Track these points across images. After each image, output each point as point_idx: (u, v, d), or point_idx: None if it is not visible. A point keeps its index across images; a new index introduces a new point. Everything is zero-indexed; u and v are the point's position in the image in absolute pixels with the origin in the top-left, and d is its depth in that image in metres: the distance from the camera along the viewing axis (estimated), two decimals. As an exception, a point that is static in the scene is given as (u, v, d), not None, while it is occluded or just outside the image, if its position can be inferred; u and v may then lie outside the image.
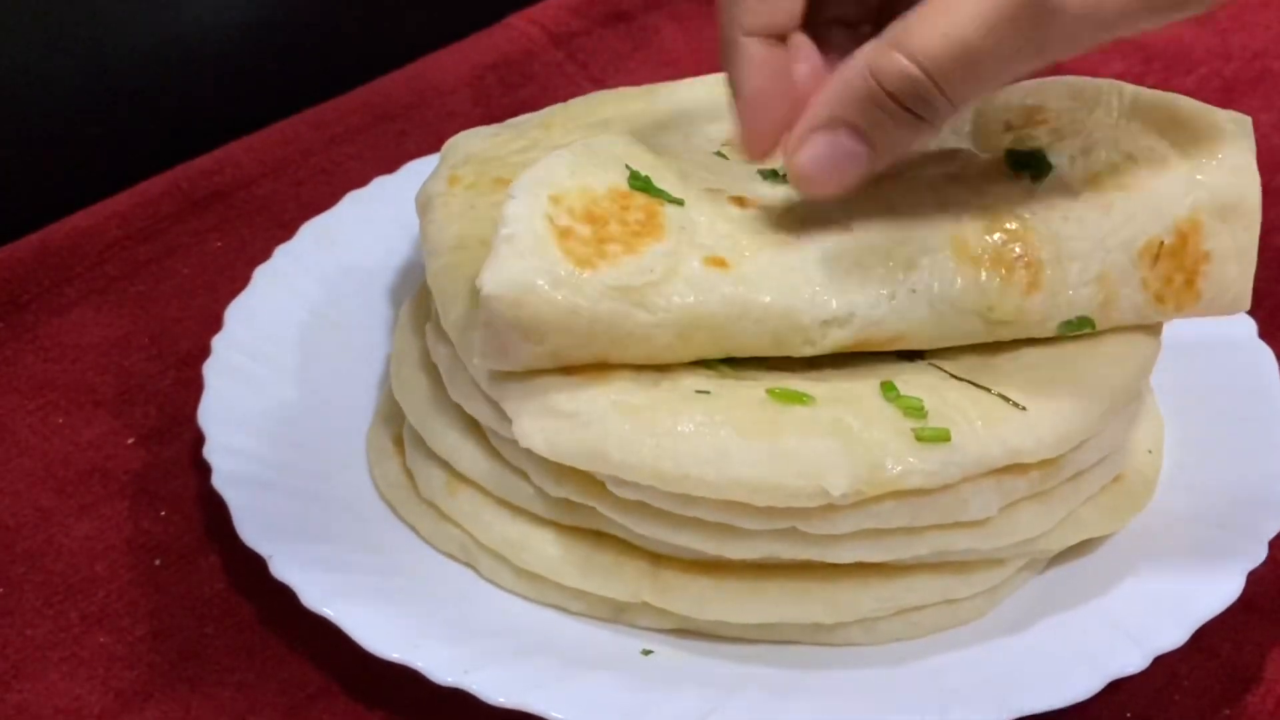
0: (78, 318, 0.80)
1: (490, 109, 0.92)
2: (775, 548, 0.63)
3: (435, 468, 0.68)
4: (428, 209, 0.73)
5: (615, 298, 0.61)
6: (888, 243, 0.63)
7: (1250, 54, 0.97)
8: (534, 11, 0.98)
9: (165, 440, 0.75)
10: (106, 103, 0.89)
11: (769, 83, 0.61)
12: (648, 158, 0.65)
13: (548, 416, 0.63)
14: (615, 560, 0.65)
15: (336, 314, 0.77)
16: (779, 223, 0.63)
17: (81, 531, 0.71)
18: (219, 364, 0.72)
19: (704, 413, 0.63)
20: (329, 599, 0.64)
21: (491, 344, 0.62)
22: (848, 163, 0.59)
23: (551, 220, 0.62)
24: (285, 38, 0.94)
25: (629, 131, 0.69)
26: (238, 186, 0.87)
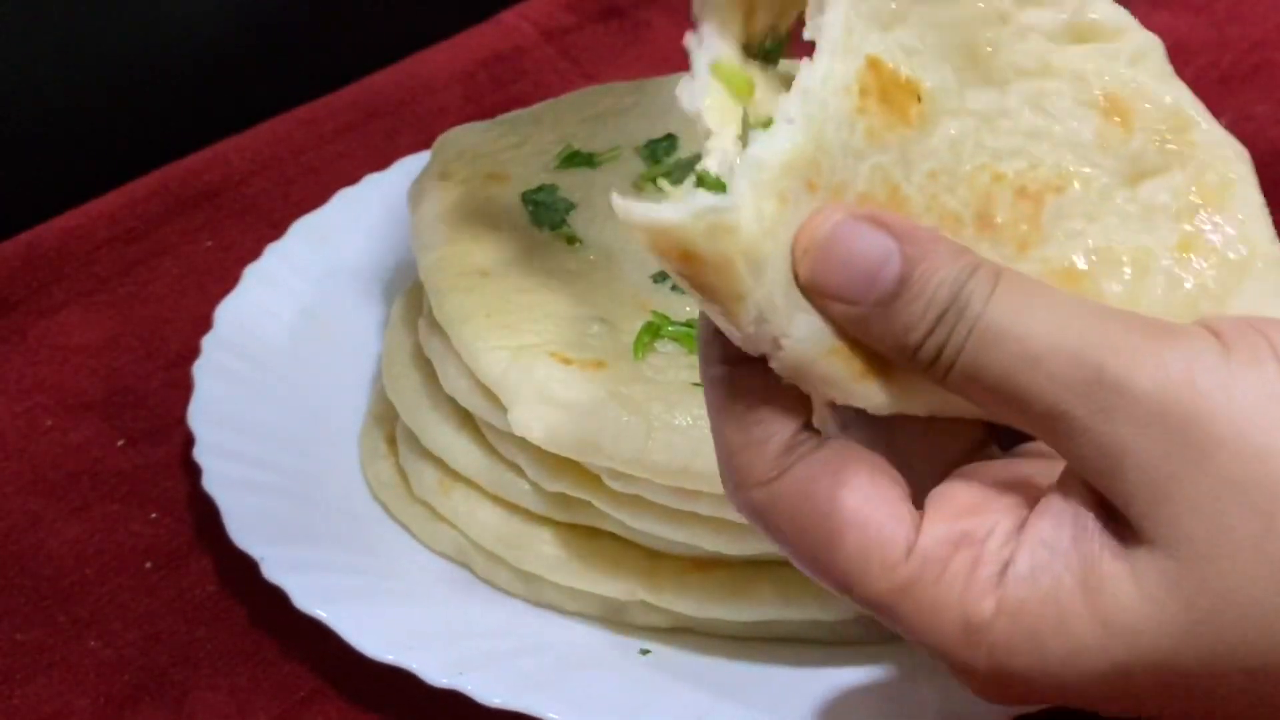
0: (66, 319, 0.80)
1: (482, 105, 0.92)
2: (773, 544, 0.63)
3: (428, 466, 0.68)
4: (420, 205, 0.73)
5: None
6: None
7: (1247, 45, 0.96)
8: (525, 8, 0.98)
9: (155, 442, 0.74)
10: (94, 102, 0.89)
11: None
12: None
13: (544, 405, 0.63)
14: (612, 559, 0.65)
15: (328, 313, 0.76)
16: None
17: (71, 535, 0.71)
18: (209, 364, 0.72)
19: (701, 405, 0.61)
20: (321, 601, 0.63)
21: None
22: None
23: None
24: (274, 35, 0.94)
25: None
26: (227, 185, 0.86)
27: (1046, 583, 0.47)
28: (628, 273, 0.69)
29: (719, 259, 0.45)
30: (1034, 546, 0.48)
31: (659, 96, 0.77)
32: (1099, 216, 0.51)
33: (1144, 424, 0.46)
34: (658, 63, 0.95)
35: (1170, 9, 0.97)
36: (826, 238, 0.47)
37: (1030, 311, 0.47)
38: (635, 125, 0.76)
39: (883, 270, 0.47)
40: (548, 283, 0.69)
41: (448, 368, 0.67)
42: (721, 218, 0.45)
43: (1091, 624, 0.47)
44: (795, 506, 0.49)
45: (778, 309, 0.47)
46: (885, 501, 0.49)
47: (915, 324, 0.48)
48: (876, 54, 0.49)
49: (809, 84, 0.47)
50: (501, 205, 0.72)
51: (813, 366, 0.48)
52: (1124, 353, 0.47)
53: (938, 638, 0.48)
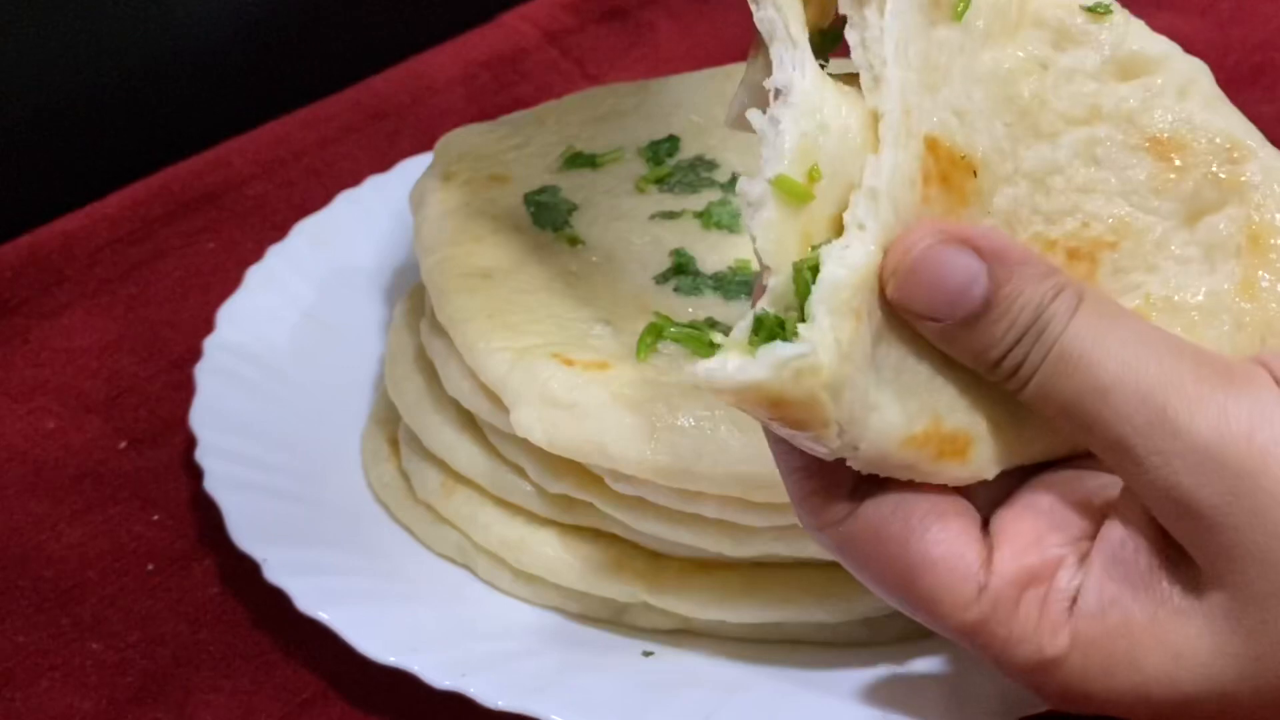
0: (68, 321, 0.79)
1: (484, 106, 0.92)
2: (775, 545, 0.63)
3: (431, 468, 0.68)
4: (421, 206, 0.73)
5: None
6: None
7: (1250, 46, 0.96)
8: (527, 9, 0.98)
9: (157, 444, 0.74)
10: (96, 104, 0.89)
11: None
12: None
13: (546, 407, 0.63)
14: (614, 560, 0.65)
15: (330, 314, 0.76)
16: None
17: (73, 537, 0.71)
18: (211, 366, 0.72)
19: (705, 406, 0.62)
20: (323, 603, 0.63)
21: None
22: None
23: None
24: (276, 37, 0.94)
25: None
26: (229, 187, 0.86)
27: (1116, 619, 0.50)
28: (630, 274, 0.69)
29: (805, 399, 0.46)
30: (1101, 581, 0.50)
31: (661, 97, 0.77)
32: (1158, 266, 0.51)
33: (1203, 474, 0.48)
34: (660, 63, 0.95)
35: (1174, 10, 0.97)
36: (915, 262, 0.49)
37: (1105, 340, 0.49)
38: (638, 126, 0.76)
39: (970, 290, 0.49)
40: (550, 284, 0.68)
41: (450, 369, 0.67)
42: (802, 363, 0.46)
43: (1162, 659, 0.49)
44: (869, 548, 0.51)
45: (856, 419, 0.47)
46: (954, 541, 0.51)
47: (997, 342, 0.49)
48: (934, 133, 0.48)
49: (876, 184, 0.47)
50: (504, 207, 0.72)
51: (890, 459, 0.49)
52: (1188, 396, 0.48)
53: (1014, 667, 0.51)
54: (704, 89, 0.77)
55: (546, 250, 0.70)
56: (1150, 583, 0.50)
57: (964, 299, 0.49)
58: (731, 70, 0.79)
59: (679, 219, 0.71)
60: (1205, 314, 0.51)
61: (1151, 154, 0.51)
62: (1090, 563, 0.50)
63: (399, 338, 0.72)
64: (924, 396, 0.49)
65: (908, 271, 0.48)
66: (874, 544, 0.51)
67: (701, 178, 0.73)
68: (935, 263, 0.48)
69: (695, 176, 0.73)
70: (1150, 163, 0.51)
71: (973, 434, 0.50)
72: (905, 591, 0.51)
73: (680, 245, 0.70)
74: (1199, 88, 0.52)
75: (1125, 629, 0.49)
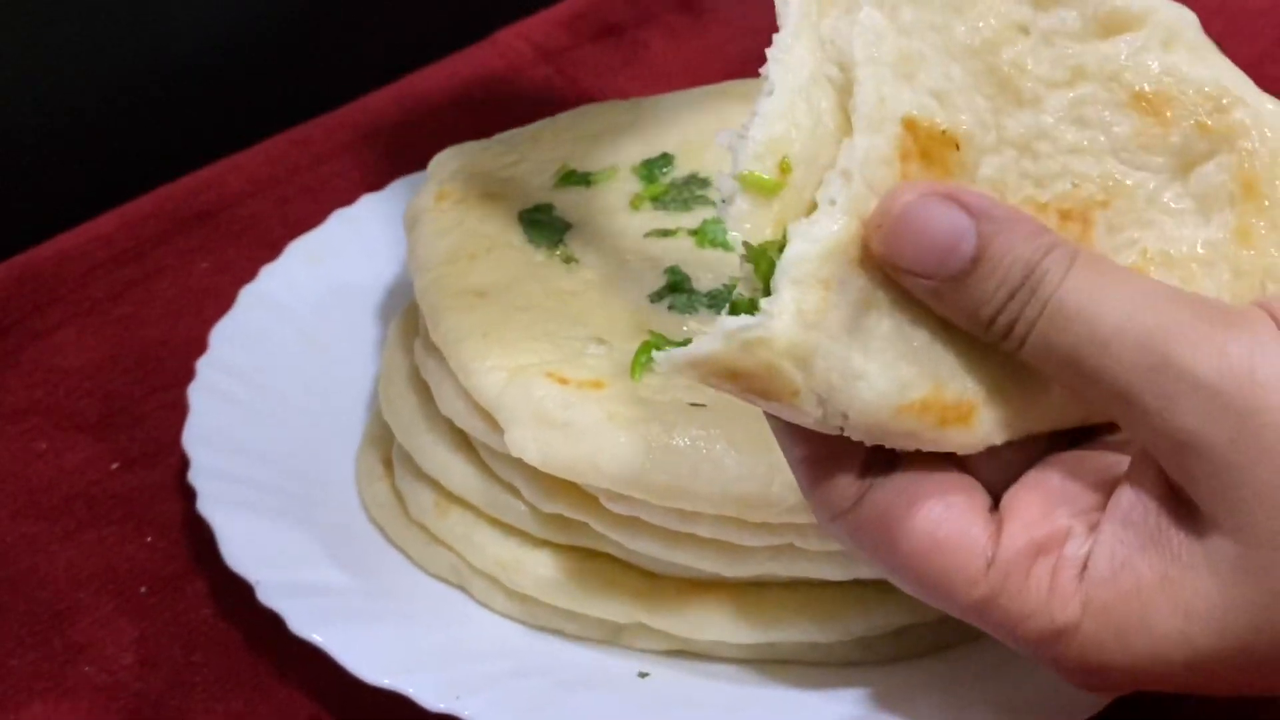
0: (61, 341, 0.79)
1: (478, 124, 0.91)
2: (772, 565, 0.62)
3: (425, 488, 0.67)
4: (416, 225, 0.73)
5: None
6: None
7: (1244, 62, 0.95)
8: (522, 27, 0.98)
9: (150, 465, 0.74)
10: (90, 123, 0.88)
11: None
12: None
13: (541, 426, 0.62)
14: (609, 581, 0.64)
15: (324, 334, 0.76)
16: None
17: (65, 559, 0.70)
18: (204, 386, 0.72)
19: (699, 425, 0.62)
20: (317, 625, 0.63)
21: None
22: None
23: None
24: (270, 55, 0.94)
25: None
26: (223, 206, 0.86)
27: (1128, 582, 0.49)
28: (625, 292, 0.69)
29: (761, 368, 0.46)
30: (1112, 546, 0.49)
31: (656, 115, 0.77)
32: (1153, 220, 0.51)
33: (1207, 414, 0.47)
34: (655, 81, 0.95)
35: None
36: (899, 215, 0.48)
37: (1102, 293, 0.48)
38: (632, 144, 0.75)
39: (957, 247, 0.48)
40: (544, 302, 0.68)
41: (444, 388, 0.67)
42: (750, 334, 0.46)
43: (1173, 617, 0.49)
44: (877, 534, 0.50)
45: (835, 387, 0.47)
46: (960, 519, 0.50)
47: (988, 300, 0.49)
48: (911, 114, 0.48)
49: (849, 166, 0.47)
50: (498, 225, 0.72)
51: (887, 428, 0.48)
52: (1188, 340, 0.47)
53: (1028, 641, 0.50)
54: (698, 106, 0.77)
55: (541, 269, 0.70)
56: (1160, 541, 0.49)
57: (953, 255, 0.48)
58: (726, 88, 0.79)
59: (674, 237, 0.71)
60: (1203, 264, 0.51)
61: (1138, 109, 0.50)
62: (1100, 529, 0.50)
63: (393, 357, 0.72)
64: (923, 364, 0.49)
65: (893, 224, 0.48)
66: (882, 527, 0.50)
67: (696, 195, 0.73)
68: (921, 217, 0.48)
69: (690, 194, 0.73)
70: (1138, 118, 0.50)
71: (976, 400, 0.49)
72: (916, 572, 0.50)
73: (675, 263, 0.70)
74: (1184, 38, 0.51)
75: (1136, 591, 0.49)
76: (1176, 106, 0.51)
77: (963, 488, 0.51)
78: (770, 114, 0.48)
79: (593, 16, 0.98)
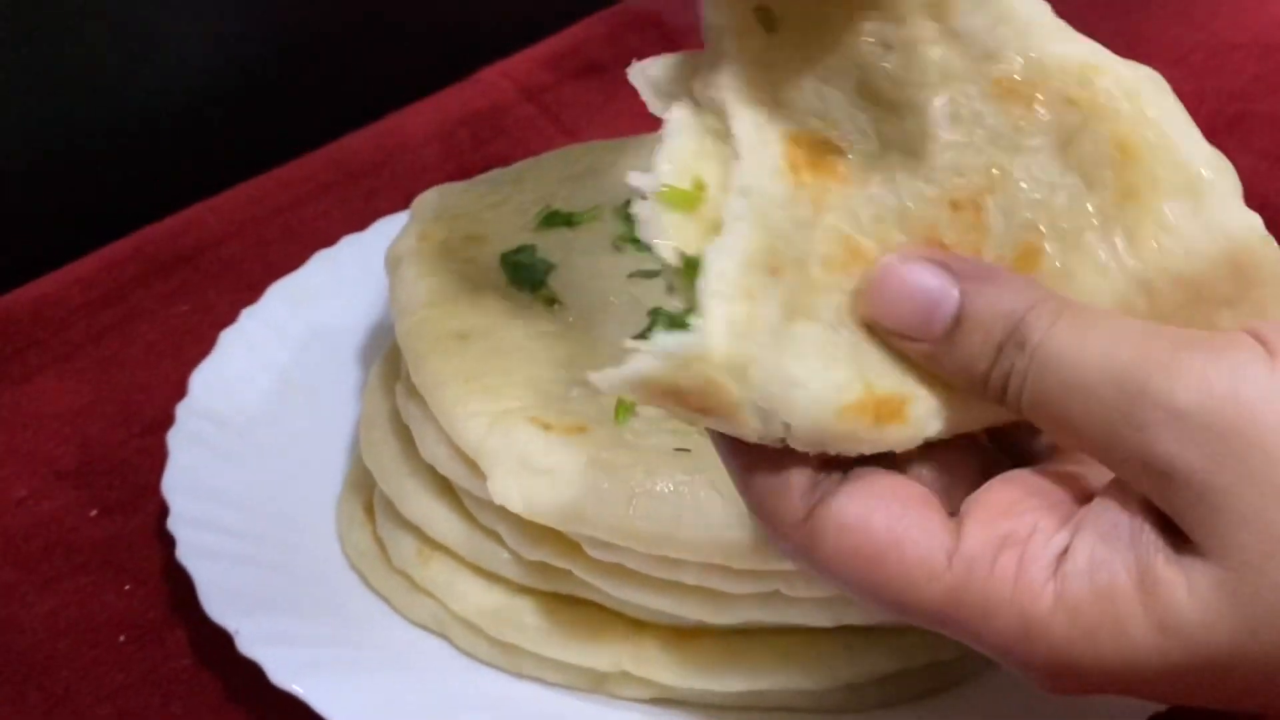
0: (40, 386, 0.79)
1: (461, 164, 0.91)
2: (758, 613, 0.62)
3: (406, 535, 0.67)
4: (398, 267, 0.72)
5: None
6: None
7: (1226, 96, 0.96)
8: (504, 65, 0.97)
9: (129, 512, 0.73)
10: (68, 166, 0.88)
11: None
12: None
13: (524, 473, 0.62)
14: (594, 629, 0.64)
15: (305, 377, 0.75)
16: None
17: (43, 608, 0.69)
18: (183, 432, 0.71)
19: (684, 471, 0.61)
20: (297, 675, 0.62)
21: None
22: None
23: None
24: (250, 96, 0.93)
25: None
26: (203, 248, 0.85)
27: (1104, 580, 0.47)
28: (608, 334, 0.68)
29: (700, 384, 0.46)
30: (1092, 542, 0.48)
31: (640, 155, 0.77)
32: (1042, 200, 0.51)
33: (1187, 438, 0.46)
34: (638, 119, 0.93)
35: (1147, 61, 0.96)
36: (879, 276, 0.49)
37: (1085, 339, 0.48)
38: (616, 184, 0.75)
39: (940, 305, 0.48)
40: (527, 345, 0.68)
41: (426, 434, 0.66)
42: (686, 350, 0.46)
43: (1147, 627, 0.47)
44: (832, 542, 0.49)
45: (774, 396, 0.47)
46: (917, 516, 0.48)
47: (979, 356, 0.48)
48: (791, 129, 0.49)
49: (743, 182, 0.48)
50: (480, 267, 0.71)
51: (828, 432, 0.48)
52: (1167, 369, 0.47)
53: (997, 638, 0.48)
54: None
55: (524, 311, 0.69)
56: (1141, 549, 0.47)
57: (936, 313, 0.48)
58: (709, 127, 0.78)
59: (657, 278, 0.71)
60: (1096, 231, 0.50)
61: (1008, 98, 0.51)
62: (1079, 526, 0.48)
63: (374, 401, 0.71)
64: (852, 365, 0.49)
65: (875, 287, 0.48)
66: (836, 536, 0.48)
67: (680, 235, 0.73)
68: (902, 278, 0.49)
69: (673, 234, 0.73)
70: (1009, 106, 0.51)
71: (905, 394, 0.49)
72: (874, 579, 0.48)
73: (658, 304, 0.69)
74: (1041, 22, 0.52)
75: (1111, 592, 0.47)
76: (1043, 88, 0.51)
77: (918, 491, 0.49)
78: (676, 145, 0.49)
79: (575, 54, 0.98)
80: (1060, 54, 0.51)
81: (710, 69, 0.50)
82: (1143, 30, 1.00)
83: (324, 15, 0.95)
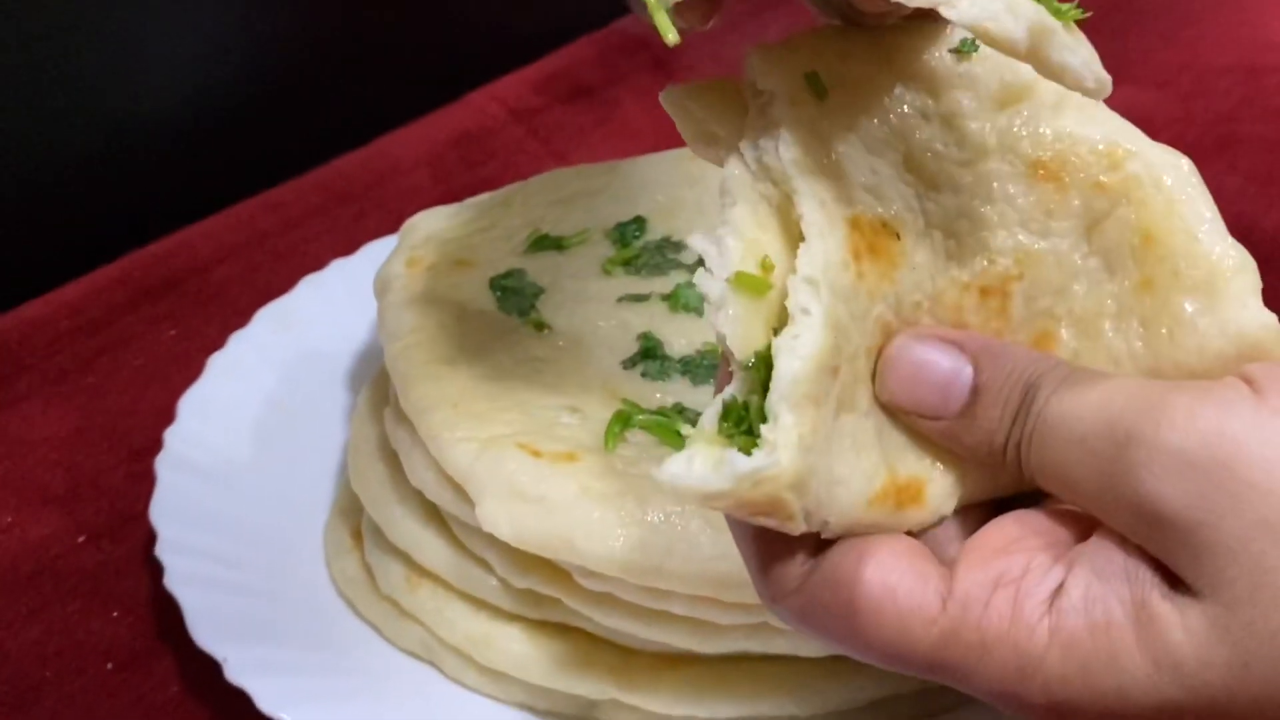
0: (28, 411, 0.78)
1: (451, 187, 0.91)
2: (747, 642, 0.61)
3: (395, 561, 0.66)
4: (386, 291, 0.72)
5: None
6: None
7: (1211, 119, 0.96)
8: (494, 88, 0.97)
9: (117, 538, 0.73)
10: (56, 190, 0.88)
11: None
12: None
13: (513, 500, 0.61)
14: (583, 656, 0.63)
15: (293, 402, 0.75)
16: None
17: (31, 635, 0.69)
18: (171, 458, 0.71)
19: (674, 502, 0.61)
20: (285, 703, 0.62)
21: None
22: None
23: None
24: (239, 120, 0.93)
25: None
26: (192, 273, 0.85)
27: (1099, 614, 0.47)
28: (597, 359, 0.68)
29: (770, 501, 0.46)
30: (1087, 578, 0.48)
31: (628, 178, 0.77)
32: (1064, 287, 0.51)
33: (1173, 476, 0.46)
34: (626, 142, 0.95)
35: (1135, 84, 0.97)
36: (892, 360, 0.49)
37: (1081, 397, 0.48)
38: (604, 208, 0.75)
39: (955, 381, 0.49)
40: (516, 370, 0.67)
41: (414, 459, 0.66)
42: (764, 473, 0.46)
43: (1142, 662, 0.47)
44: (828, 601, 0.49)
45: (822, 501, 0.47)
46: (909, 566, 0.49)
47: (998, 429, 0.49)
48: (854, 213, 0.49)
49: (811, 272, 0.47)
50: (469, 291, 0.71)
51: (859, 523, 0.48)
52: (1153, 416, 0.47)
53: (993, 679, 0.48)
54: (670, 170, 0.77)
55: (513, 336, 0.69)
56: (1136, 584, 0.47)
57: (952, 389, 0.49)
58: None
59: (646, 302, 0.71)
60: (1113, 319, 0.51)
61: (1038, 178, 0.51)
62: (1074, 562, 0.48)
63: (362, 427, 0.71)
64: (876, 450, 0.49)
65: (889, 368, 0.49)
66: (831, 594, 0.48)
67: (669, 259, 0.73)
68: (912, 359, 0.49)
69: (662, 258, 0.73)
70: (1039, 186, 0.51)
71: (924, 476, 0.49)
72: (873, 632, 0.48)
73: (648, 328, 0.69)
74: (1071, 99, 0.52)
75: (1107, 628, 0.47)
76: (1072, 170, 0.52)
77: (907, 543, 0.49)
78: (740, 219, 0.48)
79: (564, 77, 0.98)
80: (1090, 135, 0.51)
81: (763, 132, 0.49)
82: (1130, 54, 1.00)
83: (312, 40, 0.95)
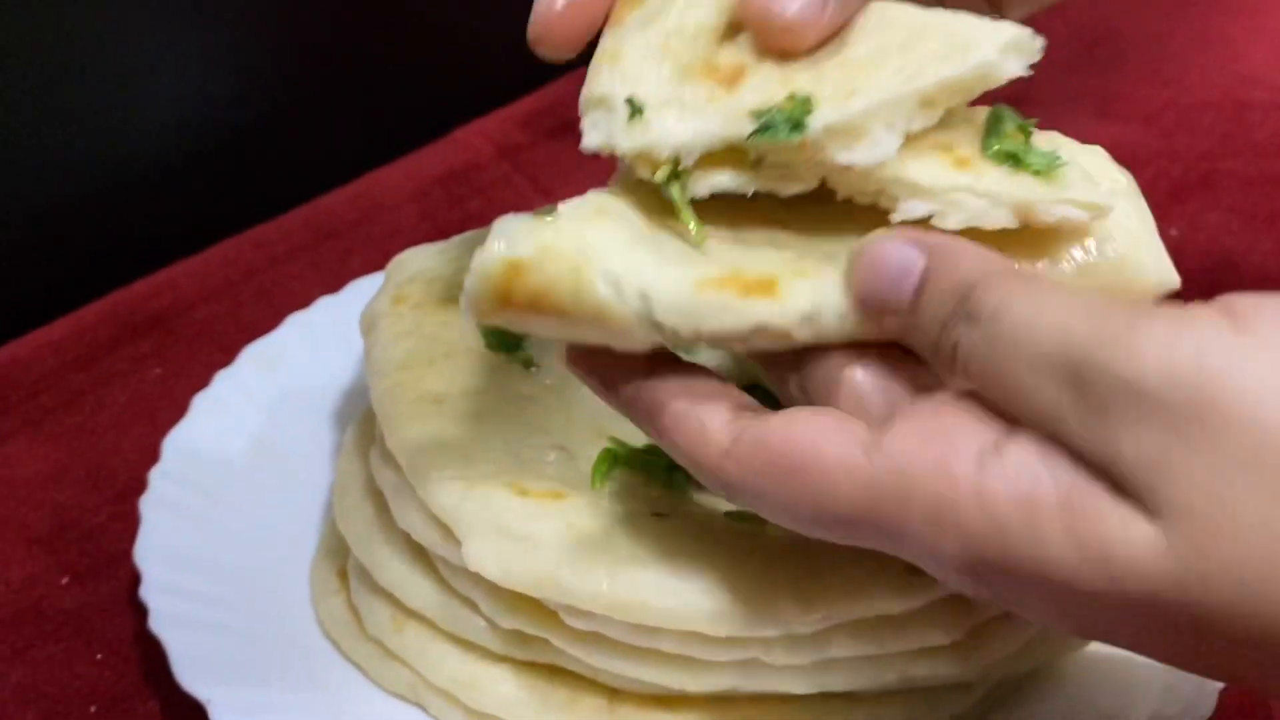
0: (12, 451, 0.78)
1: (437, 223, 0.91)
2: (737, 680, 0.61)
3: (381, 602, 0.66)
4: (373, 329, 0.72)
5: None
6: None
7: (1195, 155, 0.96)
8: (480, 124, 0.98)
9: (101, 579, 0.72)
10: (40, 228, 0.88)
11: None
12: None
13: (500, 540, 0.61)
14: (571, 696, 0.63)
15: (279, 441, 0.74)
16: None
17: (13, 678, 0.69)
18: (156, 498, 0.70)
19: (662, 538, 0.61)
20: (271, 746, 0.61)
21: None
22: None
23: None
24: (224, 158, 0.93)
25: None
26: (177, 311, 0.85)
27: (1026, 485, 0.46)
28: (585, 397, 0.68)
29: (551, 263, 0.49)
30: (1027, 450, 0.47)
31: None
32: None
33: (1149, 420, 0.45)
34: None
35: (1119, 120, 0.97)
36: (861, 252, 0.51)
37: (1036, 314, 0.47)
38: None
39: (906, 276, 0.50)
40: (503, 409, 0.67)
41: (400, 500, 0.65)
42: (537, 236, 0.50)
43: (1066, 545, 0.46)
44: (759, 461, 0.49)
45: (630, 269, 0.50)
46: (836, 422, 0.49)
47: (935, 322, 0.49)
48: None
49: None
50: (456, 330, 0.71)
51: (689, 306, 0.51)
52: (1128, 344, 0.46)
53: (911, 527, 0.47)
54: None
55: (500, 374, 0.69)
56: (1077, 476, 0.46)
57: (903, 282, 0.50)
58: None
59: (634, 339, 0.70)
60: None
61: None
62: (1018, 432, 0.47)
63: (348, 466, 0.70)
64: (719, 265, 0.51)
65: (859, 260, 0.51)
66: (760, 453, 0.49)
67: (656, 296, 0.72)
68: (878, 251, 0.51)
69: (650, 295, 0.72)
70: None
71: (779, 274, 0.51)
72: (794, 486, 0.48)
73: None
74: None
75: (1030, 501, 0.46)
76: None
77: (837, 412, 0.50)
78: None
79: (551, 113, 0.98)
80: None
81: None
82: (1114, 89, 1.00)
83: (298, 78, 0.95)
